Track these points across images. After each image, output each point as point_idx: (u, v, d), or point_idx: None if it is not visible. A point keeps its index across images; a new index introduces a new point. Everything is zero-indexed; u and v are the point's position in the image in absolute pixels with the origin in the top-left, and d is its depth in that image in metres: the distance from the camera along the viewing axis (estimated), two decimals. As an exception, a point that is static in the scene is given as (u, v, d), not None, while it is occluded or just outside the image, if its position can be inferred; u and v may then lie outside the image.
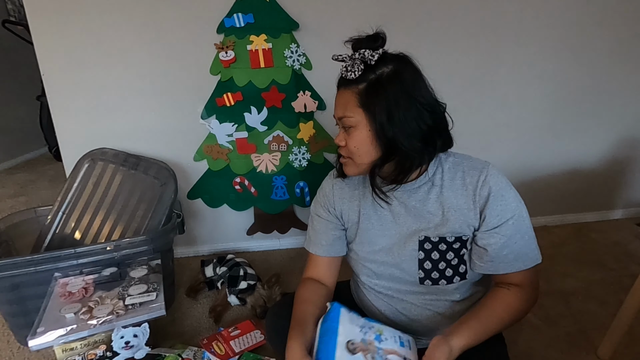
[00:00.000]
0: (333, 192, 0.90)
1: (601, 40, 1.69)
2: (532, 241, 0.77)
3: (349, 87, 0.74)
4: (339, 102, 0.77)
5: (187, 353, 1.12)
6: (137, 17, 1.45)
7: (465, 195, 0.77)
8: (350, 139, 0.76)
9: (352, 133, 0.75)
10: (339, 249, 0.91)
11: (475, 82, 1.68)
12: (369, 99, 0.72)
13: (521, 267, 0.76)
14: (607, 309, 1.36)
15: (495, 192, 0.75)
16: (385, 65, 0.72)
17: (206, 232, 1.82)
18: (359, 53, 0.72)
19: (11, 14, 3.35)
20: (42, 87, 1.61)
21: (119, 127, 1.58)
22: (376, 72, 0.72)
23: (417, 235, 0.80)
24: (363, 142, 0.75)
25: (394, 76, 0.72)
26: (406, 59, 0.75)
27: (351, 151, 0.77)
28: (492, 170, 0.77)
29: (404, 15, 1.53)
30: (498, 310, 0.74)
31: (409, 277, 0.82)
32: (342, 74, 0.75)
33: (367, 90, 0.72)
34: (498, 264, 0.76)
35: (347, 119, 0.75)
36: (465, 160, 0.80)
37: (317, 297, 0.88)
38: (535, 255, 0.77)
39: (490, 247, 0.75)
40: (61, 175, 1.74)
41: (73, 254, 1.16)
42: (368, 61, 0.72)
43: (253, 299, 1.40)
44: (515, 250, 0.75)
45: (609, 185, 1.98)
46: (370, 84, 0.72)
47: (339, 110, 0.77)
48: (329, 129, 1.66)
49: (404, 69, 0.73)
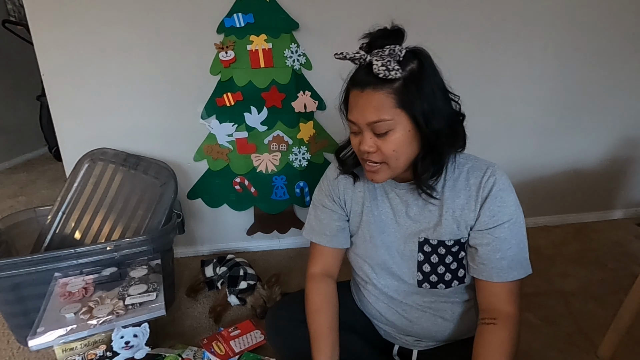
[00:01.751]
0: (338, 181, 0.88)
1: (601, 41, 1.69)
2: (526, 250, 0.76)
3: (380, 87, 0.67)
4: (368, 106, 0.68)
5: (187, 353, 1.11)
6: (137, 17, 1.45)
7: (468, 195, 0.75)
8: (387, 143, 0.70)
9: (390, 136, 0.69)
10: (342, 241, 0.90)
11: (475, 82, 1.68)
12: (408, 97, 0.67)
13: (515, 276, 0.73)
14: (607, 309, 1.36)
15: (495, 192, 0.73)
16: (410, 59, 0.68)
17: (206, 232, 1.82)
18: (388, 49, 0.66)
19: (11, 14, 3.35)
20: (42, 87, 1.61)
21: (119, 127, 1.58)
22: (406, 68, 0.67)
23: (417, 236, 0.79)
24: (403, 144, 0.70)
25: (422, 68, 0.68)
26: (424, 52, 0.72)
27: (387, 156, 0.71)
28: (497, 171, 0.75)
29: (404, 14, 1.52)
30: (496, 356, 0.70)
31: (407, 278, 0.82)
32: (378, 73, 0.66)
33: (405, 88, 0.67)
34: (491, 270, 0.74)
35: (383, 123, 0.68)
36: (470, 160, 0.78)
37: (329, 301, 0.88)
38: (527, 266, 0.75)
39: (481, 247, 0.74)
40: (61, 175, 1.74)
41: (73, 254, 1.16)
42: (397, 57, 0.66)
43: (253, 299, 1.40)
44: (508, 257, 0.73)
45: (609, 185, 1.98)
46: (406, 80, 0.67)
47: (369, 115, 0.68)
48: (329, 129, 1.66)
49: (426, 62, 0.70)
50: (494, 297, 0.75)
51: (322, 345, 0.81)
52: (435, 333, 0.85)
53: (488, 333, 0.73)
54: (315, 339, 0.83)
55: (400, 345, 0.91)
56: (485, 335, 0.73)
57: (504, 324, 0.72)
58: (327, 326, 0.84)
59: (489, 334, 0.73)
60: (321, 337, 0.83)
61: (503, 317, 0.73)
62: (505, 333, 0.71)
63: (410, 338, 0.88)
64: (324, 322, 0.85)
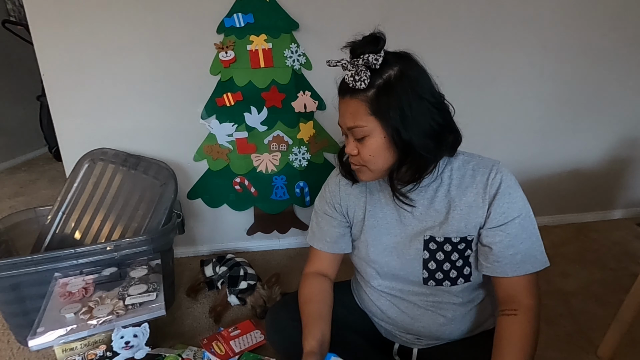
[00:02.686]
0: (339, 188, 0.89)
1: (602, 40, 1.69)
2: (539, 243, 0.75)
3: (355, 95, 0.70)
4: (346, 112, 0.73)
5: (187, 353, 1.11)
6: (137, 17, 1.45)
7: (475, 192, 0.76)
8: (364, 148, 0.73)
9: (366, 142, 0.72)
10: (343, 246, 0.91)
11: (475, 82, 1.68)
12: (380, 105, 0.69)
13: (530, 269, 0.74)
14: (607, 309, 1.36)
15: (504, 190, 0.74)
16: (389, 67, 0.69)
17: (206, 232, 1.82)
18: (362, 58, 0.68)
19: (11, 14, 3.35)
20: (42, 87, 1.61)
21: (119, 127, 1.58)
22: (383, 75, 0.68)
23: (423, 234, 0.79)
24: (378, 149, 0.72)
25: (401, 77, 0.69)
26: (409, 57, 0.72)
27: (365, 160, 0.74)
28: (502, 168, 0.76)
29: (404, 15, 1.53)
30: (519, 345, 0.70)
31: (413, 277, 0.82)
32: (348, 83, 0.70)
33: (377, 97, 0.69)
34: (505, 265, 0.74)
35: (358, 129, 0.72)
36: (474, 158, 0.79)
37: (322, 294, 0.89)
38: (543, 258, 0.75)
39: (495, 245, 0.74)
40: (61, 175, 1.74)
41: (73, 254, 1.16)
42: (372, 66, 0.68)
43: (253, 299, 1.40)
44: (522, 251, 0.73)
45: (609, 185, 1.98)
46: (380, 89, 0.68)
47: (347, 121, 0.73)
48: (329, 129, 1.66)
49: (409, 68, 0.70)
50: (513, 290, 0.75)
51: (310, 330, 0.81)
52: (437, 332, 0.85)
53: (510, 324, 0.72)
54: (304, 326, 0.83)
55: (400, 343, 0.91)
56: (507, 326, 0.73)
57: (524, 315, 0.72)
58: (317, 314, 0.84)
59: (512, 325, 0.72)
60: (309, 324, 0.83)
61: (523, 309, 0.72)
62: (527, 324, 0.71)
63: (411, 336, 0.88)
64: (313, 310, 0.85)
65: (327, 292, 0.90)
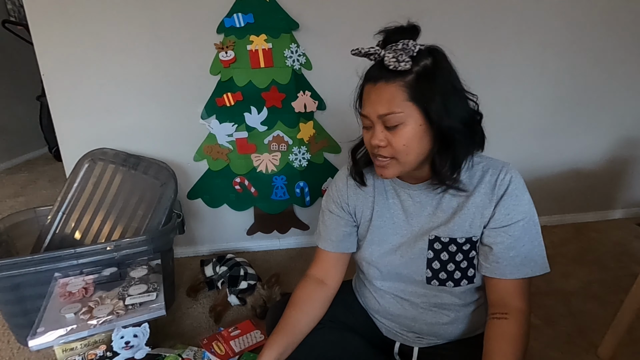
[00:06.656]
0: (347, 188, 0.88)
1: (602, 40, 1.69)
2: (541, 248, 0.75)
3: (393, 80, 0.67)
4: (380, 98, 0.69)
5: (187, 353, 1.11)
6: (137, 17, 1.45)
7: (483, 193, 0.75)
8: (398, 137, 0.70)
9: (399, 130, 0.69)
10: (348, 246, 0.90)
11: (475, 82, 1.67)
12: (421, 90, 0.67)
13: (528, 273, 0.73)
14: (607, 309, 1.36)
15: (511, 191, 0.74)
16: (424, 56, 0.69)
17: (206, 232, 1.82)
18: (402, 43, 0.67)
19: (11, 14, 3.35)
20: (42, 87, 1.61)
21: (119, 127, 1.58)
22: (419, 63, 0.68)
23: (428, 234, 0.79)
24: (413, 138, 0.69)
25: (437, 66, 0.69)
26: (441, 50, 0.72)
27: (397, 150, 0.71)
28: (512, 170, 0.76)
29: (404, 14, 1.53)
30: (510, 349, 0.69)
31: (416, 277, 0.81)
32: (388, 65, 0.66)
33: (417, 82, 0.67)
34: (504, 267, 0.74)
35: (394, 116, 0.68)
36: (484, 159, 0.79)
37: (311, 302, 0.88)
38: (544, 264, 0.75)
39: (496, 246, 0.74)
40: (61, 175, 1.74)
41: (73, 254, 1.16)
42: (410, 52, 0.67)
43: (253, 299, 1.40)
44: (522, 254, 0.73)
45: (609, 185, 1.98)
46: (419, 75, 0.67)
47: (380, 108, 0.69)
48: (329, 129, 1.66)
49: (442, 59, 0.71)
50: (506, 293, 0.75)
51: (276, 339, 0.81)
52: (438, 330, 0.85)
53: (499, 327, 0.72)
54: (275, 331, 0.82)
55: (401, 342, 0.91)
56: (497, 329, 0.72)
57: (515, 318, 0.72)
58: (292, 324, 0.84)
59: (501, 328, 0.72)
60: (280, 332, 0.82)
61: (514, 312, 0.72)
62: (517, 327, 0.71)
63: (412, 334, 0.88)
64: (291, 317, 0.85)
65: (317, 301, 0.88)
